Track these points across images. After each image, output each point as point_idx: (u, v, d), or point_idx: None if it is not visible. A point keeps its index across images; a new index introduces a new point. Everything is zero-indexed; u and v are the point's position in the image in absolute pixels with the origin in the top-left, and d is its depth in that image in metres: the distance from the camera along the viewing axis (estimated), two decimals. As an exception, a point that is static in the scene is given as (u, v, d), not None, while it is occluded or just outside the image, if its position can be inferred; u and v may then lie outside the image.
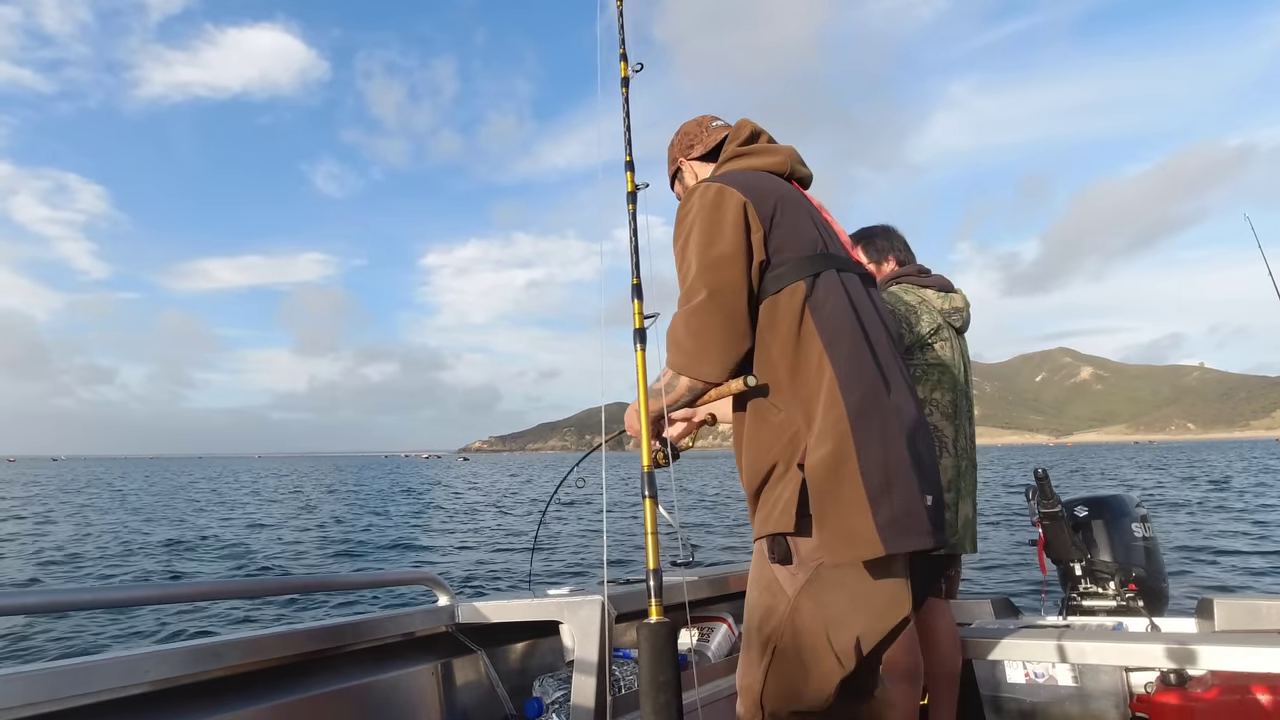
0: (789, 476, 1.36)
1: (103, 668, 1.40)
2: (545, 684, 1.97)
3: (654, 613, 1.25)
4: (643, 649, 1.23)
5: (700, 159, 1.73)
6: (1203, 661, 2.05)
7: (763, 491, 1.41)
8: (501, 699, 2.08)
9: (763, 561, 1.42)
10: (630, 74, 1.69)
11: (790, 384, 1.39)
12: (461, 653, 2.08)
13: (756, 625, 1.42)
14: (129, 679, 1.43)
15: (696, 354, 1.42)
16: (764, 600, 1.41)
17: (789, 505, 1.34)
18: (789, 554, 1.37)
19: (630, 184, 1.62)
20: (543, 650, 2.25)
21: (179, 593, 1.60)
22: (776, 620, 1.38)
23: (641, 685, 1.23)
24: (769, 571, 1.40)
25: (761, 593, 1.42)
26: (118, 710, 1.42)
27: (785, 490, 1.36)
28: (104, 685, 1.39)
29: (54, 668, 1.35)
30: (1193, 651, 2.05)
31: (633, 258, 1.53)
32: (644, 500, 1.33)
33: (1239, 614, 2.39)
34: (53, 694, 1.32)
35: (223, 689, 1.58)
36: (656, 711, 1.19)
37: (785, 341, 1.40)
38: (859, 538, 1.29)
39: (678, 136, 1.78)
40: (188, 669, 1.52)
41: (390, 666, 1.89)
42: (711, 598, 2.58)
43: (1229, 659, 2.00)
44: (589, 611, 1.86)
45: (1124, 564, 2.75)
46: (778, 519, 1.36)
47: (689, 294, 1.44)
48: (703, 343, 1.42)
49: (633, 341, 1.46)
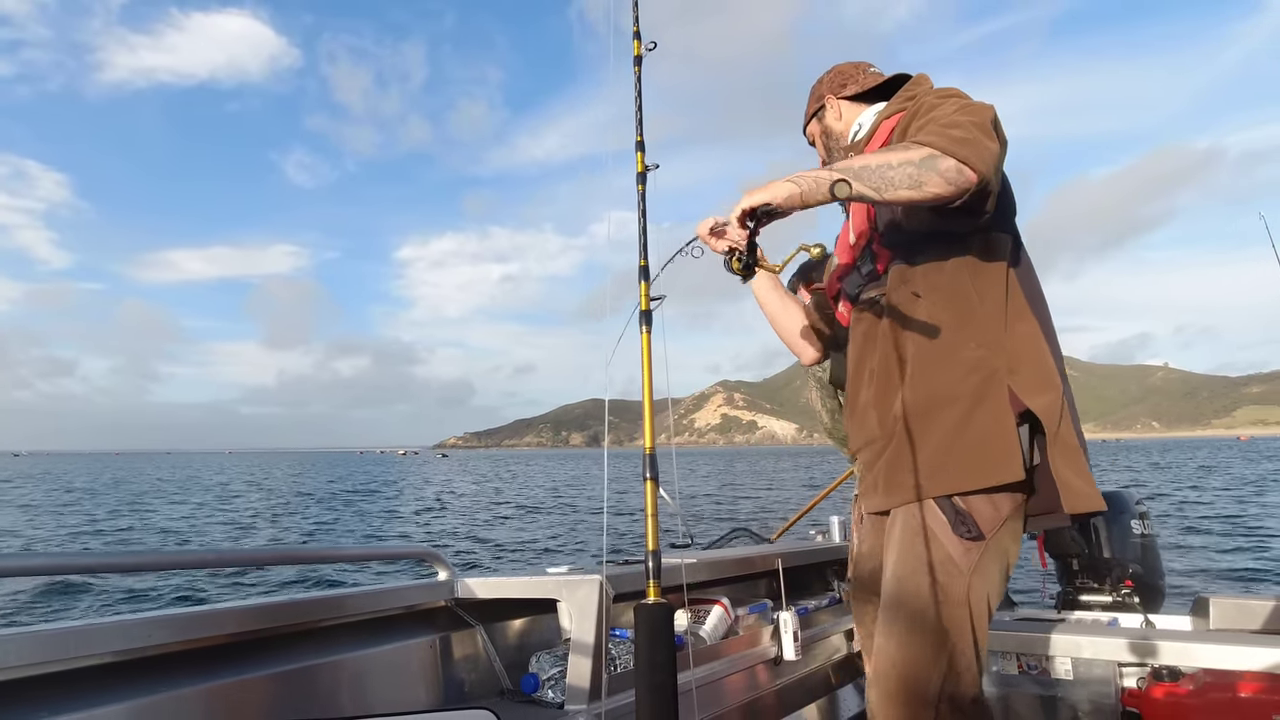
0: (990, 418, 1.24)
1: (101, 631, 1.41)
2: (542, 660, 1.98)
3: (652, 593, 1.26)
4: (640, 629, 1.24)
5: (851, 99, 1.65)
6: (1196, 659, 2.05)
7: (929, 429, 1.29)
8: (499, 673, 2.10)
9: (927, 537, 1.28)
10: (644, 52, 1.67)
11: (993, 324, 1.29)
12: (460, 627, 2.09)
13: (923, 611, 1.28)
14: (128, 643, 1.45)
15: (977, 143, 1.20)
16: (931, 582, 1.28)
17: (1010, 450, 1.23)
18: (974, 526, 1.25)
19: (640, 164, 1.61)
20: (540, 627, 2.27)
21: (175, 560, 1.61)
22: (954, 605, 1.27)
23: (637, 665, 1.24)
24: (941, 549, 1.28)
25: (928, 574, 1.28)
26: (118, 673, 1.44)
27: (994, 432, 1.24)
28: (105, 648, 1.41)
29: (51, 629, 1.36)
30: (1186, 648, 2.06)
31: (640, 239, 1.52)
32: (645, 482, 1.33)
33: (1234, 613, 2.39)
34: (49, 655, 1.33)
35: (221, 656, 1.59)
36: (651, 691, 1.20)
37: (994, 281, 1.32)
38: (1082, 493, 1.23)
39: (830, 74, 1.70)
40: (184, 635, 1.53)
41: (388, 639, 1.91)
42: (708, 580, 2.59)
43: (1222, 657, 2.01)
44: (587, 590, 1.87)
45: (1121, 560, 2.75)
46: (997, 465, 1.23)
47: (969, 106, 1.28)
48: (986, 139, 1.21)
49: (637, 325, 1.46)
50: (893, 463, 1.36)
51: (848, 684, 2.75)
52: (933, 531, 1.28)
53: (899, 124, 1.40)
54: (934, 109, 1.31)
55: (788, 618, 2.43)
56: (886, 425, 1.38)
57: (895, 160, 1.18)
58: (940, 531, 1.28)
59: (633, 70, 1.65)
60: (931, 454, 1.30)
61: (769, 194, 1.18)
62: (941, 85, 1.47)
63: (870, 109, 1.62)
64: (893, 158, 1.19)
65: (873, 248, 1.47)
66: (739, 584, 2.80)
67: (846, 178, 1.16)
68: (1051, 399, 1.26)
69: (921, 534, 1.29)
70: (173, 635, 1.52)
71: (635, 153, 1.61)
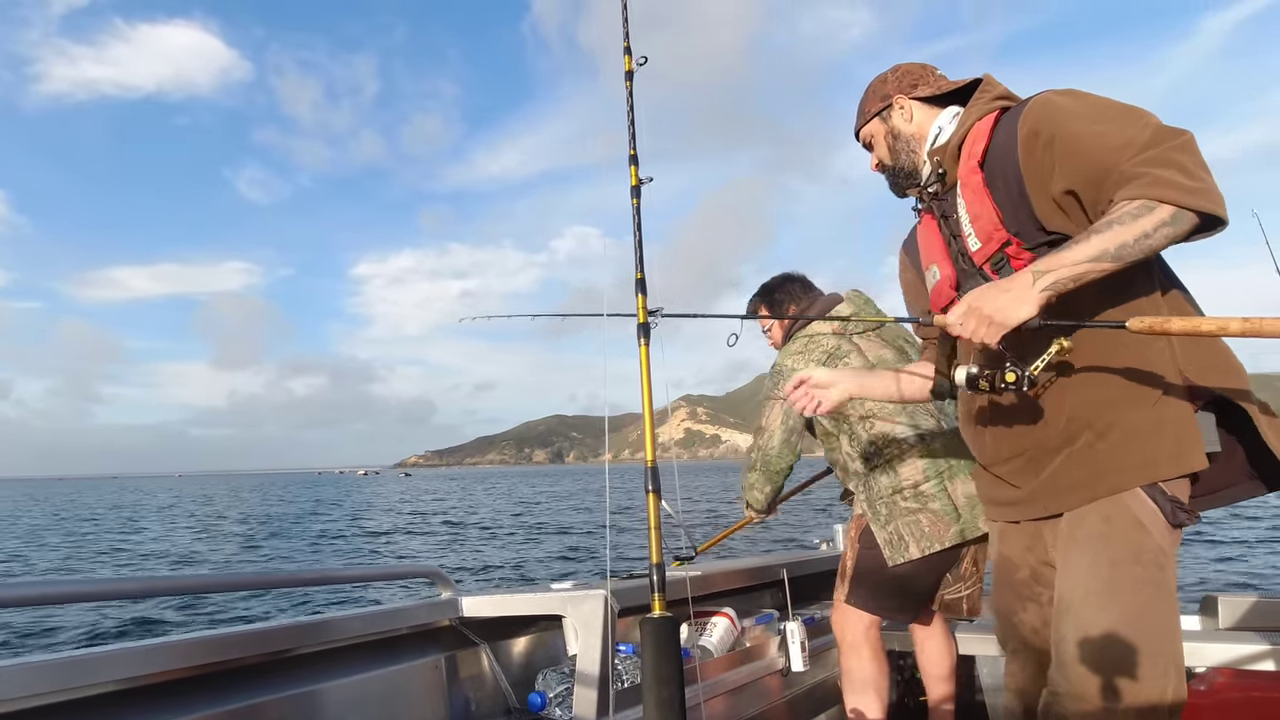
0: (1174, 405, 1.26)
1: (109, 659, 1.41)
2: (548, 678, 1.97)
3: (657, 607, 1.26)
4: (645, 644, 1.24)
5: (923, 100, 1.57)
6: (1205, 658, 2.04)
7: (1114, 423, 1.28)
8: (505, 692, 2.09)
9: (1133, 530, 1.25)
10: (634, 67, 1.68)
11: (1157, 311, 1.29)
12: (465, 646, 2.08)
13: (1140, 607, 1.23)
14: (138, 670, 1.44)
15: (1206, 186, 1.16)
16: (1148, 578, 1.23)
17: (1196, 436, 1.25)
18: (1178, 510, 1.24)
19: (634, 178, 1.62)
20: (546, 644, 2.26)
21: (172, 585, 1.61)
22: (1168, 597, 1.24)
23: (644, 679, 1.23)
24: (1151, 539, 1.25)
25: (1143, 570, 1.24)
26: (130, 699, 1.43)
27: (1183, 418, 1.25)
28: (111, 676, 1.40)
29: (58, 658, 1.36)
30: (1196, 648, 2.05)
31: (636, 252, 1.53)
32: (647, 495, 1.33)
33: (1243, 611, 2.38)
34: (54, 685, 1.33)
35: (228, 681, 1.59)
36: (659, 706, 1.19)
37: (1148, 269, 1.31)
38: None
39: (896, 73, 1.61)
40: (193, 661, 1.53)
41: (394, 659, 1.90)
42: (713, 592, 2.58)
43: (1231, 656, 2.00)
44: (592, 606, 1.86)
45: None
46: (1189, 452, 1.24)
47: (1165, 131, 1.21)
48: (1209, 177, 1.17)
49: (636, 338, 1.46)
50: (1076, 462, 1.34)
51: None
52: (1140, 521, 1.26)
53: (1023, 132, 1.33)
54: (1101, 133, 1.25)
55: (795, 628, 2.41)
56: (1057, 428, 1.35)
57: (1150, 227, 1.16)
58: (1150, 521, 1.26)
59: (625, 85, 1.67)
60: (1122, 447, 1.29)
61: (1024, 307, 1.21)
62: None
63: (946, 112, 1.56)
64: (1146, 225, 1.17)
65: (1007, 251, 1.39)
66: (744, 595, 2.79)
67: (1104, 261, 1.17)
68: (1236, 381, 1.27)
69: (1127, 526, 1.26)
70: (182, 661, 1.51)
71: (629, 166, 1.62)
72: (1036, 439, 1.39)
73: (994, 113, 1.44)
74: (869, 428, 2.26)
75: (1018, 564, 1.52)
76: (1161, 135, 1.20)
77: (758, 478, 2.44)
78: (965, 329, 1.27)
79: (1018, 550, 1.52)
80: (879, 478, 2.23)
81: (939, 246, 1.55)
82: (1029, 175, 1.33)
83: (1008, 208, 1.37)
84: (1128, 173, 1.20)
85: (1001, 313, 1.22)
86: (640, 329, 1.46)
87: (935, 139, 1.54)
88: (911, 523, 2.15)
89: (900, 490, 2.19)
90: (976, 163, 1.42)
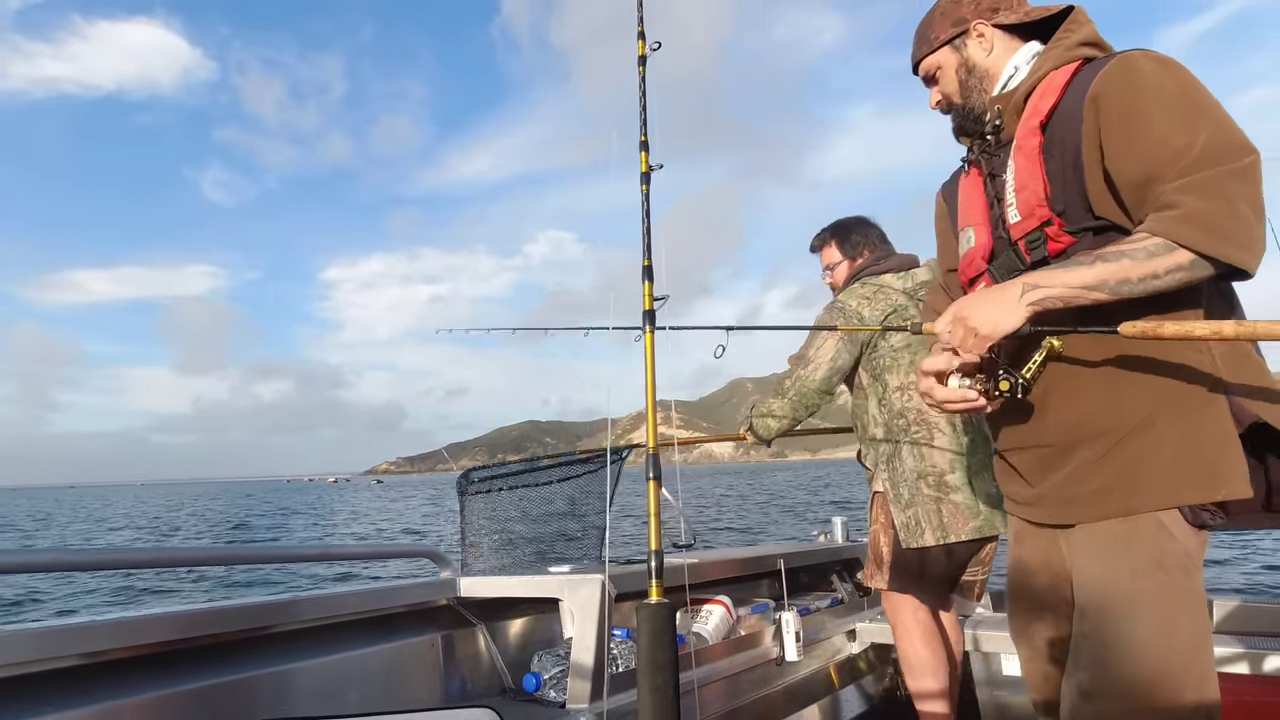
0: (1214, 424, 1.15)
1: (106, 628, 1.42)
2: (544, 659, 1.99)
3: (654, 593, 1.26)
4: (642, 629, 1.24)
5: (1004, 29, 1.37)
6: None
7: (1141, 436, 1.19)
8: (500, 672, 2.11)
9: (1155, 532, 1.17)
10: (648, 52, 1.67)
11: (1199, 317, 1.18)
12: (462, 626, 2.10)
13: (1168, 611, 1.16)
14: (139, 639, 1.45)
15: (1245, 231, 1.05)
16: (1173, 584, 1.16)
17: (1239, 462, 1.14)
18: (1199, 509, 1.16)
19: (644, 164, 1.61)
20: (543, 626, 2.27)
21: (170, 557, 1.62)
22: (1195, 601, 1.17)
23: (640, 664, 1.24)
24: (1175, 543, 1.17)
25: (1168, 576, 1.16)
26: (127, 668, 1.44)
27: (1225, 438, 1.14)
28: (107, 645, 1.42)
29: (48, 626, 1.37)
30: None
31: (644, 239, 1.53)
32: (647, 482, 1.33)
33: (1237, 616, 2.39)
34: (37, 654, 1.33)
35: (225, 653, 1.60)
36: (653, 691, 1.20)
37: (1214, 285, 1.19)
38: None
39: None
40: (189, 632, 1.54)
41: (391, 637, 1.91)
42: (710, 580, 2.59)
43: (1227, 661, 2.01)
44: (589, 590, 1.87)
45: None
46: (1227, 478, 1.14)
47: (1228, 148, 1.08)
48: (1255, 219, 1.05)
49: (641, 326, 1.46)
50: (1089, 472, 1.25)
51: (850, 685, 2.75)
52: (1161, 523, 1.18)
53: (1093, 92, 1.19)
54: (1166, 124, 1.12)
55: (790, 618, 2.43)
56: (1079, 430, 1.26)
57: (1162, 269, 1.08)
58: (1171, 521, 1.18)
59: (637, 70, 1.66)
60: (1144, 463, 1.20)
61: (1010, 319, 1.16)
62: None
63: (1026, 48, 1.36)
64: (1158, 266, 1.08)
65: (1047, 230, 1.26)
66: (741, 584, 2.80)
67: (1099, 292, 1.11)
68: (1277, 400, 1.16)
69: (1148, 528, 1.19)
70: (177, 632, 1.52)
71: (640, 152, 1.61)
72: (1047, 437, 1.31)
73: (1074, 64, 1.26)
74: (905, 398, 2.23)
75: (1035, 570, 1.42)
76: (1223, 153, 1.08)
77: (784, 406, 2.32)
78: (953, 339, 1.23)
79: (1036, 556, 1.42)
80: (906, 459, 2.21)
81: (980, 208, 1.40)
82: (1089, 145, 1.19)
83: (1059, 182, 1.24)
84: (1164, 197, 1.10)
85: (988, 325, 1.18)
86: (646, 316, 1.46)
87: (1007, 82, 1.35)
88: (931, 511, 2.15)
89: (925, 476, 2.18)
90: (1039, 122, 1.26)
